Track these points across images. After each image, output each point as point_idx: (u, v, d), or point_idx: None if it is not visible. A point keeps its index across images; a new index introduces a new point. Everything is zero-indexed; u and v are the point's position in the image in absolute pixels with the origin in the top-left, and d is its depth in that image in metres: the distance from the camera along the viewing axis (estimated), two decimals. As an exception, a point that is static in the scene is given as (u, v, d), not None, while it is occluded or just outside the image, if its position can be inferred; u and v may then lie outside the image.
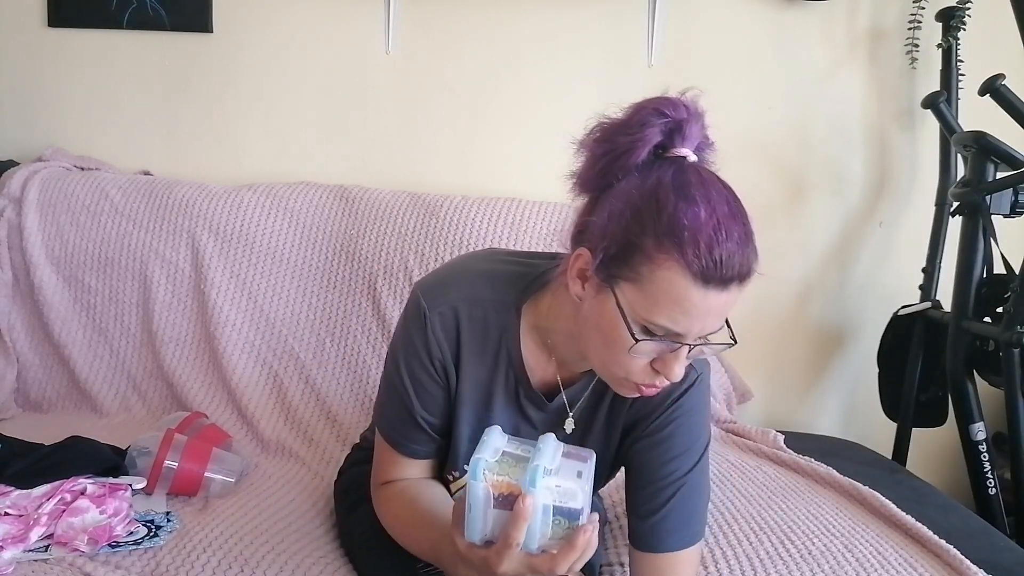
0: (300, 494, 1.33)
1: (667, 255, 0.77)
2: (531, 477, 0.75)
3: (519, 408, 0.98)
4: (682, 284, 0.77)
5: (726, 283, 0.78)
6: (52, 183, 1.72)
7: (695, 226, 0.76)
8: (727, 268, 0.77)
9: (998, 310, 1.64)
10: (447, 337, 0.95)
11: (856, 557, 1.11)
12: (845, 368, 1.99)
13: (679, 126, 0.81)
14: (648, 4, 1.81)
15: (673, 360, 0.81)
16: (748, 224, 0.80)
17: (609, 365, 0.85)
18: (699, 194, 0.78)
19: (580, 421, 1.00)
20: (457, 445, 0.99)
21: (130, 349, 1.66)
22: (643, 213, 0.78)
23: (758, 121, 1.89)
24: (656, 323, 0.79)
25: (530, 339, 0.96)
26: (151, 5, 1.83)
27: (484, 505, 0.77)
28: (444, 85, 1.86)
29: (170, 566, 1.01)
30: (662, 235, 0.77)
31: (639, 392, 0.86)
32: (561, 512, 0.77)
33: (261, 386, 1.60)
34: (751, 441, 1.62)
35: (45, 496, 1.08)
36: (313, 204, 1.72)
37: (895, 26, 1.86)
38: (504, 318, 0.95)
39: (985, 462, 1.63)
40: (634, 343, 0.80)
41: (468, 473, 0.77)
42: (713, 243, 0.76)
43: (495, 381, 0.97)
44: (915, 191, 1.92)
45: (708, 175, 0.81)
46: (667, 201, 0.78)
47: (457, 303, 0.94)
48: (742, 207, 0.81)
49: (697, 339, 0.81)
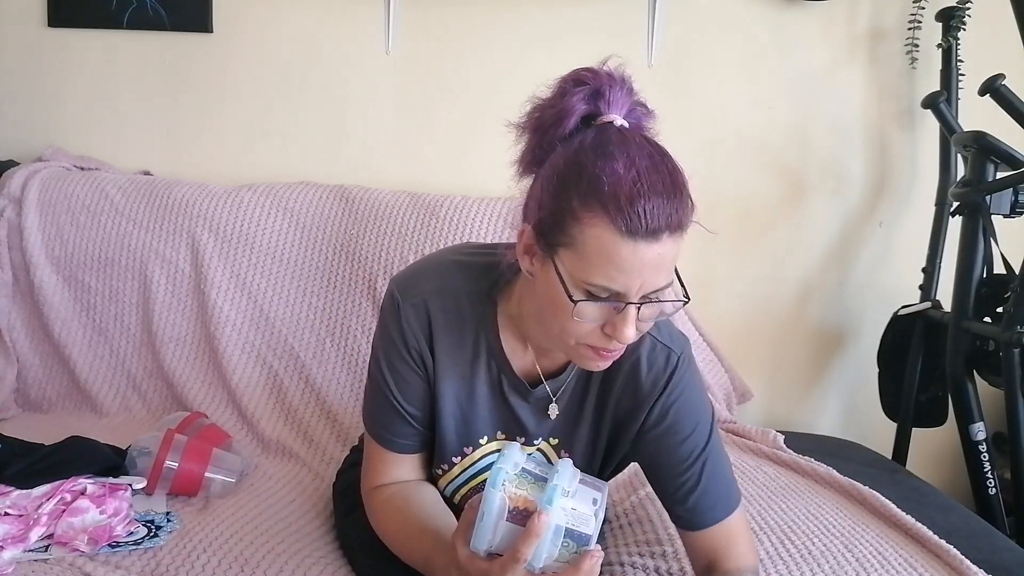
0: (300, 494, 1.33)
1: (592, 213, 0.77)
2: (549, 495, 0.75)
3: (503, 399, 0.98)
4: (610, 240, 0.77)
5: (654, 235, 0.77)
6: (52, 183, 1.72)
7: (614, 181, 0.77)
8: (651, 219, 0.76)
9: (998, 310, 1.64)
10: (420, 328, 0.95)
11: (856, 557, 1.11)
12: (845, 368, 1.99)
13: (599, 92, 0.82)
14: (648, 4, 1.81)
15: (621, 322, 0.81)
16: (676, 176, 0.80)
17: (562, 336, 0.85)
18: (617, 151, 0.78)
19: (567, 411, 1.00)
20: (443, 439, 1.00)
21: (130, 349, 1.66)
22: (567, 177, 0.80)
23: (758, 121, 1.89)
24: (594, 283, 0.79)
25: (508, 330, 0.96)
26: (151, 5, 1.83)
27: (498, 516, 0.76)
28: (444, 85, 1.86)
29: (170, 566, 1.01)
30: (585, 195, 0.78)
31: (600, 358, 0.86)
32: (572, 535, 0.77)
33: (261, 386, 1.60)
34: (751, 441, 1.62)
35: (45, 496, 1.08)
36: (313, 204, 1.72)
37: (895, 26, 1.86)
38: (480, 309, 0.96)
39: (985, 462, 1.63)
40: (573, 305, 0.80)
41: (488, 481, 0.76)
42: (634, 196, 0.76)
43: (477, 373, 0.97)
44: (915, 191, 1.92)
45: (632, 134, 0.81)
46: (586, 161, 0.79)
47: (428, 295, 0.95)
48: (670, 161, 0.81)
49: (642, 297, 0.80)
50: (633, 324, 0.81)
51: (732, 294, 1.95)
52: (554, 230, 0.81)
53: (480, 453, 1.02)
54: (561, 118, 0.82)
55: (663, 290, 0.82)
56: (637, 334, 0.83)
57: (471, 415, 0.99)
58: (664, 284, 0.81)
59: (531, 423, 1.00)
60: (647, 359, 0.96)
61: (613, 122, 0.82)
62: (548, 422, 1.00)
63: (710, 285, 1.93)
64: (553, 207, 0.81)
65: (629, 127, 0.83)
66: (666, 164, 0.80)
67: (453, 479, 1.04)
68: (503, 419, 1.00)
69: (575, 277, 0.80)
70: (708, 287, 1.93)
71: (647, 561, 1.11)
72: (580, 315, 0.81)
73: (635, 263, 0.78)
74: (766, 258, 1.94)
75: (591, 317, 0.81)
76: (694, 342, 1.78)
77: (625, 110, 0.83)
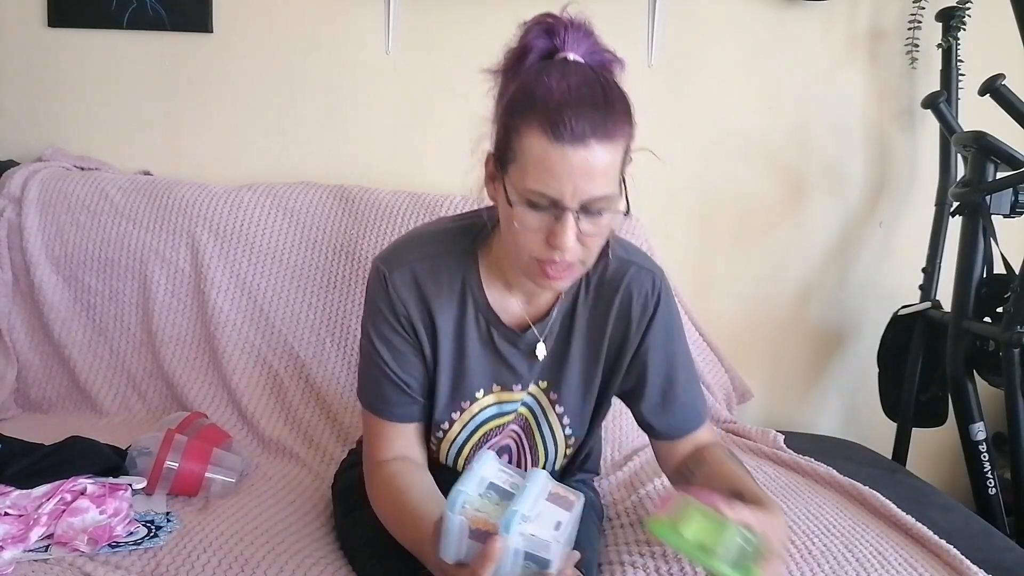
0: (300, 495, 1.33)
1: (528, 124, 0.84)
2: (506, 522, 0.76)
3: (494, 349, 1.03)
4: (541, 146, 0.83)
5: (580, 139, 0.82)
6: (52, 183, 1.72)
7: (546, 92, 0.84)
8: (577, 125, 0.82)
9: (998, 310, 1.64)
10: (410, 295, 1.00)
11: (856, 557, 1.11)
12: (845, 368, 1.99)
13: (555, 29, 0.88)
14: (648, 4, 1.81)
15: (560, 229, 0.85)
16: (611, 92, 0.86)
17: (518, 254, 0.91)
18: (556, 71, 0.85)
19: (553, 353, 1.05)
20: (439, 398, 1.04)
21: (130, 349, 1.66)
22: (513, 98, 0.87)
23: (758, 121, 1.89)
24: (531, 189, 0.85)
25: (492, 282, 1.02)
26: (151, 5, 1.83)
27: (459, 535, 0.78)
28: (444, 85, 1.86)
29: (170, 566, 1.01)
30: (523, 109, 0.85)
31: (547, 274, 0.90)
32: (532, 559, 0.77)
33: (261, 386, 1.60)
34: (751, 441, 1.62)
35: (45, 496, 1.08)
36: (313, 204, 1.71)
37: (895, 26, 1.86)
38: (463, 265, 1.01)
39: (985, 462, 1.63)
40: (510, 209, 0.87)
41: (447, 503, 0.78)
42: (563, 104, 0.82)
43: (466, 328, 1.02)
44: (915, 191, 1.92)
45: (580, 65, 0.87)
46: (527, 82, 0.86)
47: (413, 263, 1.01)
48: (609, 82, 0.87)
49: (580, 206, 0.85)
50: (571, 232, 0.85)
51: (732, 294, 1.95)
52: (504, 149, 0.88)
53: (477, 407, 1.06)
54: (523, 55, 0.89)
55: (601, 202, 0.86)
56: (583, 250, 0.88)
57: (465, 370, 1.03)
58: (599, 193, 0.85)
59: (523, 368, 1.05)
60: (635, 286, 1.03)
61: (568, 57, 0.88)
62: (538, 364, 1.05)
63: (710, 285, 1.93)
64: (503, 128, 0.89)
65: (585, 63, 0.88)
66: (602, 82, 0.86)
67: (454, 439, 1.06)
68: (496, 370, 1.05)
69: (518, 188, 0.86)
70: (708, 287, 1.93)
71: (647, 561, 1.11)
72: (521, 222, 0.87)
73: (565, 167, 0.83)
74: (766, 258, 1.94)
75: (532, 225, 0.87)
76: (694, 342, 1.78)
77: (584, 49, 0.89)
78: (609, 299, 1.03)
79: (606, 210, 0.87)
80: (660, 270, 1.06)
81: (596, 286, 1.05)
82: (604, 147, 0.83)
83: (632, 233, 1.71)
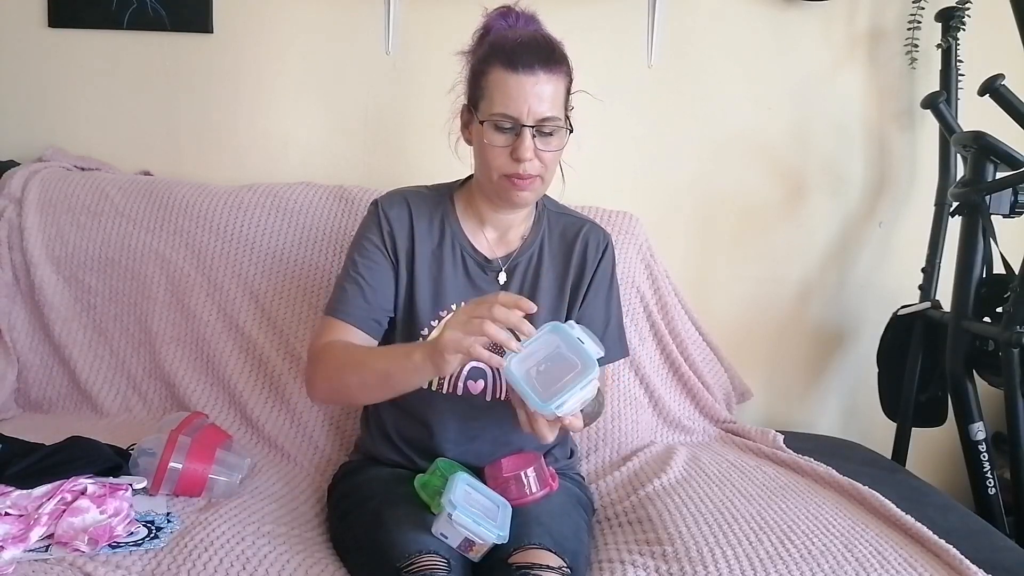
0: (300, 495, 1.34)
1: (491, 64, 1.13)
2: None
3: (466, 274, 1.25)
4: (500, 76, 1.12)
5: (530, 68, 1.11)
6: (52, 183, 1.72)
7: (501, 36, 1.16)
8: (527, 57, 1.11)
9: (998, 310, 1.64)
10: (399, 221, 1.24)
11: (856, 557, 1.11)
12: (845, 368, 2.00)
13: (509, 13, 1.21)
14: (648, 4, 1.81)
15: (520, 144, 1.12)
16: (551, 42, 1.16)
17: (489, 175, 1.17)
18: (510, 24, 1.19)
19: (526, 284, 1.26)
20: (419, 304, 1.23)
21: (130, 349, 1.66)
22: (479, 54, 1.18)
23: (758, 121, 1.89)
24: (495, 112, 1.12)
25: (467, 219, 1.27)
26: (151, 5, 1.83)
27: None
28: (444, 85, 1.85)
29: (170, 566, 1.01)
30: (486, 55, 1.15)
31: (515, 185, 1.15)
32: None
33: (261, 386, 1.60)
34: (751, 441, 1.62)
35: (45, 496, 1.08)
36: (313, 204, 1.71)
37: (895, 26, 1.86)
38: (443, 205, 1.28)
39: (985, 462, 1.63)
40: (483, 138, 1.14)
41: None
42: (515, 42, 1.13)
43: (443, 255, 1.24)
44: (915, 191, 1.93)
45: (526, 29, 1.18)
46: (490, 41, 1.17)
47: (406, 194, 1.28)
48: (550, 37, 1.18)
49: (534, 121, 1.11)
50: (531, 147, 1.12)
51: (732, 294, 1.95)
52: (474, 92, 1.18)
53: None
54: (486, 32, 1.21)
55: (551, 123, 1.13)
56: (540, 166, 1.14)
57: (443, 286, 1.24)
58: (548, 114, 1.12)
59: (491, 291, 1.21)
60: (591, 236, 1.30)
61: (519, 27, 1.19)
62: (498, 288, 1.24)
63: (710, 285, 1.93)
64: (472, 77, 1.19)
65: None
66: (545, 36, 1.18)
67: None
68: (468, 289, 1.24)
69: (487, 116, 1.13)
70: (708, 287, 1.93)
71: (647, 561, 1.12)
72: (491, 141, 1.13)
73: (520, 91, 1.11)
74: (766, 258, 1.94)
75: (499, 143, 1.13)
76: (693, 341, 1.78)
77: (532, 28, 1.20)
78: (571, 243, 1.29)
79: (556, 131, 1.14)
80: (609, 233, 1.33)
81: (560, 234, 1.30)
82: (549, 77, 1.12)
83: (632, 233, 1.72)
